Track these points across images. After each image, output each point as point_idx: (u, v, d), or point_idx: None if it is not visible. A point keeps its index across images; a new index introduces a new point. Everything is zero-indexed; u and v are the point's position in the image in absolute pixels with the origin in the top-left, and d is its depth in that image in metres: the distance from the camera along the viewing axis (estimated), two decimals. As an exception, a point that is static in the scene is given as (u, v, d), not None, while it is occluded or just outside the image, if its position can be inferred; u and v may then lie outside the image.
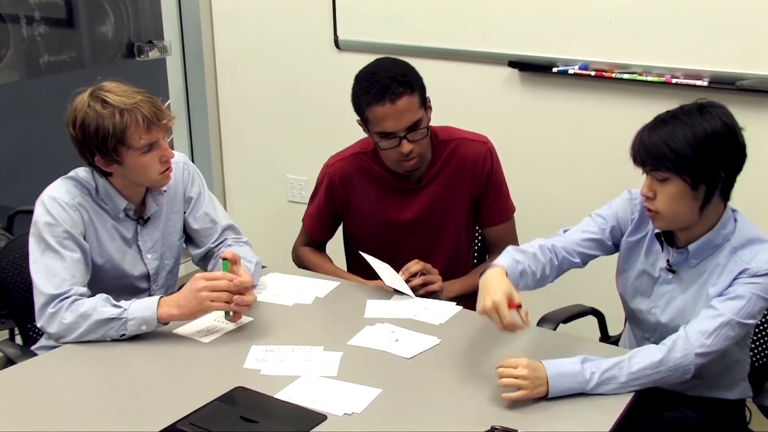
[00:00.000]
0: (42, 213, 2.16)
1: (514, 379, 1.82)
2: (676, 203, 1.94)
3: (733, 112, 1.97)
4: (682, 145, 1.89)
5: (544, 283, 2.13)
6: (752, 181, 2.93)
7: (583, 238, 2.15)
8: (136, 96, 2.13)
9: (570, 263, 2.15)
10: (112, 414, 1.84)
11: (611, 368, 1.87)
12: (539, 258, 2.09)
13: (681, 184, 1.91)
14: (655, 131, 1.94)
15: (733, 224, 2.01)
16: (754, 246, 1.98)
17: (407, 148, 2.36)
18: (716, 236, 1.99)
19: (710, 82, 2.92)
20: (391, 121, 2.33)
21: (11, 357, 2.19)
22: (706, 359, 1.91)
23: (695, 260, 2.02)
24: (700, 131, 1.90)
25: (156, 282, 2.36)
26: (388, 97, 2.31)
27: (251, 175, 4.13)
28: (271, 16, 3.82)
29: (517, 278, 2.02)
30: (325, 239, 2.71)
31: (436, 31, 3.41)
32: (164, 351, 2.08)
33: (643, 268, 2.12)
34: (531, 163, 3.31)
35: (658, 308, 2.09)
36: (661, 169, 1.92)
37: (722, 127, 1.91)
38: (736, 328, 1.92)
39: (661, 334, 2.06)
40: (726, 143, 1.92)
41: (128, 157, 2.14)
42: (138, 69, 3.91)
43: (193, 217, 2.41)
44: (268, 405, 1.84)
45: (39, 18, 3.59)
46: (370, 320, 2.22)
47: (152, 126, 2.13)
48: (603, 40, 3.10)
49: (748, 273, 1.94)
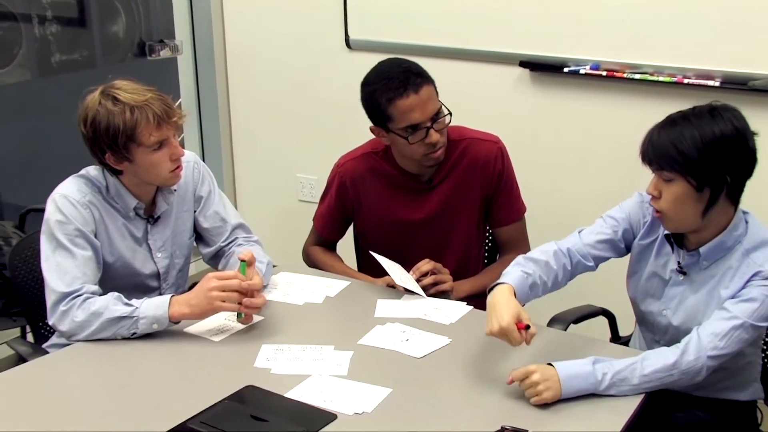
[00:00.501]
0: (53, 211, 2.17)
1: (530, 388, 1.83)
2: (679, 204, 1.93)
3: (745, 112, 1.96)
4: (688, 147, 1.89)
5: (556, 289, 2.13)
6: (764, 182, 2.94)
7: (597, 240, 2.15)
8: (147, 93, 2.14)
9: (584, 267, 2.14)
10: (122, 412, 1.85)
11: (624, 370, 1.86)
12: (551, 266, 2.09)
13: (685, 186, 1.91)
14: (664, 131, 1.93)
15: (744, 226, 2.00)
16: (766, 248, 1.97)
17: (436, 138, 2.36)
18: (728, 238, 1.98)
19: (722, 83, 2.91)
20: (418, 111, 2.33)
21: (23, 355, 2.19)
22: (719, 362, 1.90)
23: (707, 262, 2.01)
24: (708, 134, 1.89)
25: (166, 281, 2.37)
26: (410, 88, 2.31)
27: (262, 174, 4.14)
28: (282, 16, 3.82)
29: (527, 292, 2.02)
30: (336, 239, 2.71)
31: (447, 30, 3.40)
32: (175, 350, 2.08)
33: (654, 270, 2.11)
34: (542, 163, 3.31)
35: (669, 310, 2.08)
36: (666, 169, 1.92)
37: (732, 131, 1.90)
38: (749, 330, 1.91)
39: (672, 336, 2.06)
40: (734, 147, 1.90)
41: (139, 155, 2.15)
42: (149, 68, 3.92)
43: (204, 216, 2.42)
44: (279, 404, 1.85)
45: (51, 17, 3.60)
46: (380, 320, 2.22)
47: (163, 123, 2.14)
48: (614, 40, 3.09)
49: (761, 275, 1.92)
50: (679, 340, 1.94)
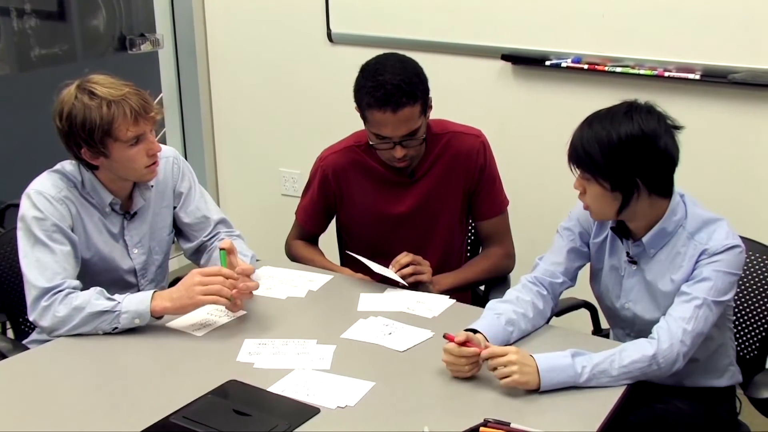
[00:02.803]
0: (29, 207, 2.15)
1: (503, 367, 1.83)
2: (599, 202, 1.98)
3: (726, 105, 1.98)
4: (595, 150, 1.91)
5: (544, 317, 2.15)
6: (746, 173, 2.96)
7: (558, 256, 2.18)
8: (124, 88, 2.13)
9: (559, 285, 2.18)
10: (104, 407, 1.84)
11: (602, 362, 1.88)
12: (523, 298, 2.11)
13: (599, 187, 1.94)
14: (582, 131, 1.97)
15: (683, 209, 2.03)
16: (708, 227, 2.00)
17: (400, 154, 2.37)
18: (668, 224, 2.01)
19: (702, 76, 2.92)
20: (389, 128, 2.33)
21: (3, 351, 2.17)
22: (691, 346, 1.93)
23: (653, 250, 2.04)
24: (614, 137, 1.91)
25: (144, 276, 2.36)
26: (390, 106, 2.29)
27: (244, 169, 4.13)
28: (263, 10, 3.81)
29: (504, 328, 2.02)
30: (318, 232, 2.71)
31: (429, 24, 3.40)
32: (157, 344, 2.08)
33: (611, 265, 2.14)
34: (524, 157, 3.31)
35: (630, 302, 2.11)
36: (581, 169, 1.96)
37: (638, 133, 1.91)
38: (712, 307, 1.95)
39: (640, 327, 2.09)
40: (640, 150, 1.91)
41: (115, 150, 2.13)
42: (130, 62, 3.90)
43: (185, 211, 2.40)
44: (261, 398, 1.84)
45: (30, 11, 3.57)
46: (363, 313, 2.22)
47: (140, 118, 2.12)
48: (596, 34, 3.10)
49: (707, 253, 1.97)
50: (647, 331, 1.97)
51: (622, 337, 2.19)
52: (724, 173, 2.98)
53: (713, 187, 2.86)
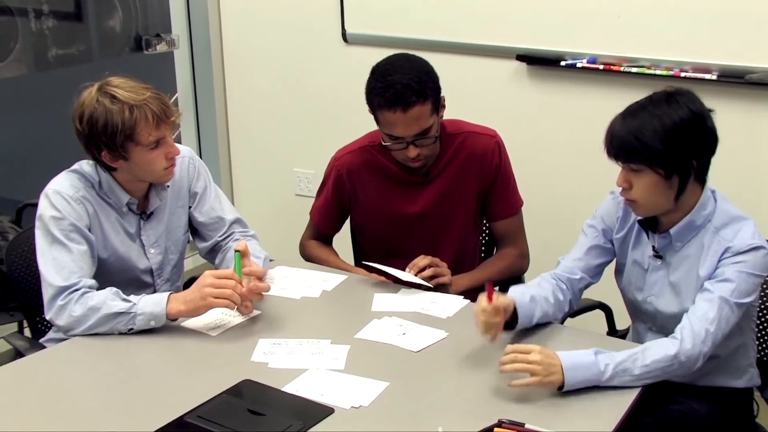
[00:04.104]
0: (47, 207, 2.17)
1: (526, 364, 1.82)
2: (651, 193, 1.96)
3: (742, 105, 1.97)
4: (652, 139, 1.91)
5: (563, 310, 2.16)
6: (765, 175, 2.94)
7: (579, 253, 2.18)
8: (145, 92, 2.13)
9: (578, 282, 2.17)
10: (119, 407, 1.85)
11: (625, 360, 1.86)
12: (544, 285, 2.13)
13: (654, 176, 1.93)
14: (625, 124, 1.96)
15: (713, 204, 2.02)
16: (735, 224, 1.99)
17: (413, 153, 2.37)
18: (697, 217, 2.01)
19: (719, 76, 2.90)
20: (401, 128, 2.33)
21: (20, 349, 2.19)
22: (713, 346, 1.92)
23: (679, 243, 2.03)
24: (668, 123, 1.91)
25: (160, 276, 2.37)
26: (400, 105, 2.29)
27: (259, 169, 4.14)
28: (278, 10, 3.82)
29: (527, 304, 2.04)
30: (333, 233, 2.71)
31: (444, 24, 3.40)
32: (172, 344, 2.08)
33: (634, 259, 2.14)
34: (539, 157, 3.30)
35: (653, 296, 2.10)
36: (633, 161, 1.94)
37: (689, 115, 1.92)
38: (734, 308, 1.94)
39: (662, 322, 2.08)
40: (695, 131, 1.93)
41: (135, 154, 2.14)
42: (146, 62, 3.92)
43: (199, 211, 2.41)
44: (276, 398, 1.85)
45: (47, 11, 3.59)
46: (377, 314, 2.22)
47: (161, 123, 2.13)
48: (611, 34, 3.09)
49: (731, 251, 1.96)
50: (669, 326, 1.97)
51: (644, 332, 2.18)
52: (741, 174, 2.95)
53: (731, 189, 2.83)
